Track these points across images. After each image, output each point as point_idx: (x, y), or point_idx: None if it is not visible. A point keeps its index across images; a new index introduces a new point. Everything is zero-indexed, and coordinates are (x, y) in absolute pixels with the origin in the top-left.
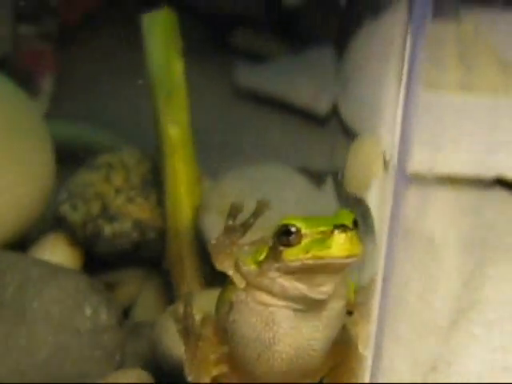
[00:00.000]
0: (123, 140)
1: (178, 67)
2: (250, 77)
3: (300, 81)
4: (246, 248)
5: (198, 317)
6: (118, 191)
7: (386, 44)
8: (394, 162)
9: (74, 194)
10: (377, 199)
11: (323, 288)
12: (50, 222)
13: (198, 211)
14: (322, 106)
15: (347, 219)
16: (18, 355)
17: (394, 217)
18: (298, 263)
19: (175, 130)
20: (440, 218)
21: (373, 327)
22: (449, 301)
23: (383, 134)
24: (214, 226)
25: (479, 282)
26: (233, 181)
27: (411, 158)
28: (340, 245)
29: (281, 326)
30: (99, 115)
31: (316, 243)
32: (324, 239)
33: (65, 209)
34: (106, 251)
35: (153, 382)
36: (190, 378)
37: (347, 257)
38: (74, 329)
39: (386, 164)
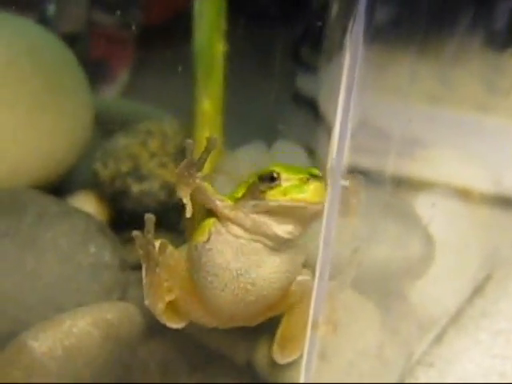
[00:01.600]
0: (167, 114)
1: (218, 48)
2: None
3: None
4: (198, 181)
5: (157, 244)
6: (152, 155)
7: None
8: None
9: (108, 153)
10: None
11: (290, 228)
12: (87, 178)
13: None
14: None
15: (316, 173)
16: (24, 277)
17: (331, 209)
18: (276, 203)
19: (208, 103)
20: (458, 230)
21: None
22: (459, 305)
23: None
24: (223, 187)
25: (499, 295)
26: (246, 151)
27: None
28: (314, 191)
29: (248, 258)
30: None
31: (294, 188)
32: (301, 185)
33: (97, 166)
34: (132, 209)
35: (142, 318)
36: (146, 302)
37: (318, 202)
38: (77, 262)
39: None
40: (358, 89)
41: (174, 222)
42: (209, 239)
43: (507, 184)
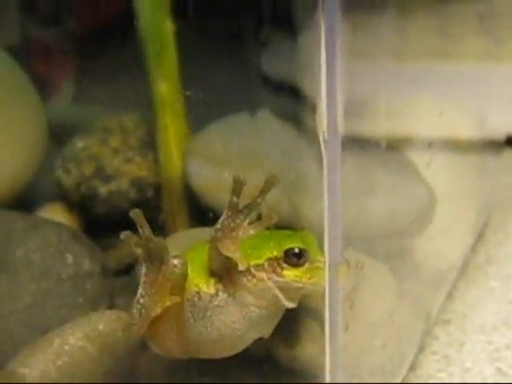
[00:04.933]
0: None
1: (167, 25)
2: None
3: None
4: (252, 232)
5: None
6: (115, 152)
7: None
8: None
9: (68, 158)
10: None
11: (296, 301)
12: (50, 190)
13: (185, 157)
14: None
15: (312, 240)
16: (0, 302)
17: (331, 183)
18: (300, 284)
19: (164, 87)
20: (451, 179)
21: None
22: (463, 256)
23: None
24: (199, 171)
25: (500, 239)
26: (216, 126)
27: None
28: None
29: (253, 323)
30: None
31: (316, 271)
32: (320, 269)
33: (59, 174)
34: (104, 213)
35: None
36: (141, 301)
37: None
38: (55, 276)
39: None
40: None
41: (148, 219)
42: (217, 294)
43: (491, 126)
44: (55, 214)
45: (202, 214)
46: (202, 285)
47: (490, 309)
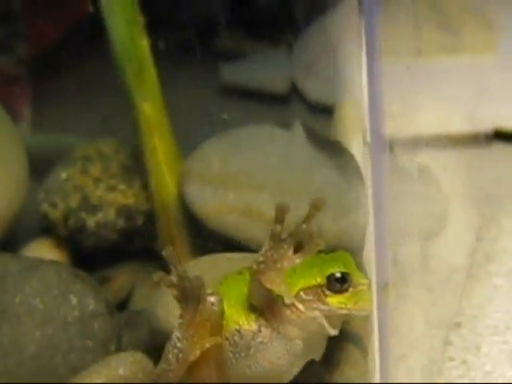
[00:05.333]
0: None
1: (143, 43)
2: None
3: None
4: (298, 261)
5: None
6: (97, 181)
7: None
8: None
9: (52, 191)
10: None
11: (338, 328)
12: (35, 225)
13: (181, 179)
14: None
15: (351, 261)
16: (3, 354)
17: (377, 183)
18: (345, 311)
19: (149, 106)
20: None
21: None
22: (465, 256)
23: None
24: (199, 193)
25: (494, 234)
26: (213, 143)
27: (384, 123)
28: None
29: (297, 357)
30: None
31: (361, 295)
32: (365, 292)
33: (44, 208)
34: (92, 245)
35: (151, 363)
36: (179, 345)
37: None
38: (60, 320)
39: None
40: None
41: (140, 248)
42: (259, 330)
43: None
44: (43, 249)
45: (203, 239)
46: (242, 321)
47: (499, 307)
